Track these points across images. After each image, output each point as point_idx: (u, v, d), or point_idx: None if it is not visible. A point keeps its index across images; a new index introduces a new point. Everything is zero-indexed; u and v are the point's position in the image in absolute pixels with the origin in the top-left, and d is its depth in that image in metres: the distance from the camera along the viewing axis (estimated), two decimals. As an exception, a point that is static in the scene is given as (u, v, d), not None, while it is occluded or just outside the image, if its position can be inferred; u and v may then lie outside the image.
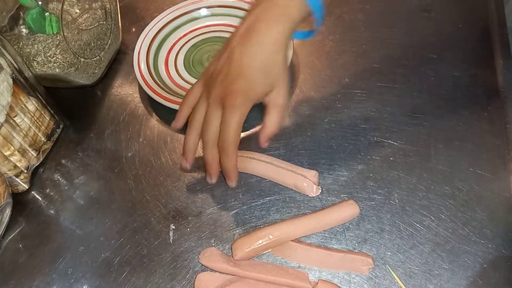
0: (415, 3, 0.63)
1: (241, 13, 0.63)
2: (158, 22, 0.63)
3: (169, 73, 0.60)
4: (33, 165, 0.52)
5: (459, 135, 0.50)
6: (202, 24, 0.65)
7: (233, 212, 0.47)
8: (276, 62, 0.43)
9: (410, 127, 0.51)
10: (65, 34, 0.53)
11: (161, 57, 0.62)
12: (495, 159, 0.48)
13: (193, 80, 0.59)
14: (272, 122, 0.45)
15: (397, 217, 0.45)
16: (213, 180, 0.48)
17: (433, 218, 0.44)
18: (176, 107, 0.53)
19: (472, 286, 0.40)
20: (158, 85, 0.57)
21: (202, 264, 0.43)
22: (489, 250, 0.42)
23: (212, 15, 0.65)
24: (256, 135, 0.47)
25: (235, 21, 0.64)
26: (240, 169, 0.47)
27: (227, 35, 0.63)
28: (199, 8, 0.64)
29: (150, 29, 0.62)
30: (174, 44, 0.63)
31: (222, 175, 0.47)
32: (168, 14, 0.63)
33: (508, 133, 0.49)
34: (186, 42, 0.63)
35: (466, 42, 0.58)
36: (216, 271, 0.43)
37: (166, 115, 0.56)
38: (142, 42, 0.61)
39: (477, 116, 0.51)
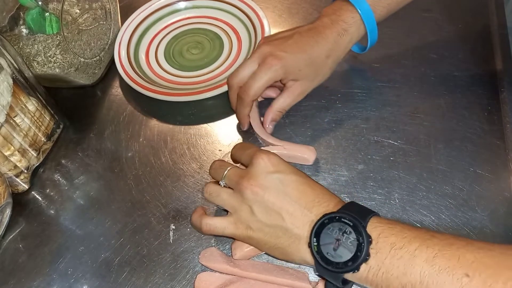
0: (415, 3, 0.62)
1: (221, 5, 0.65)
2: (139, 14, 0.64)
3: (149, 63, 0.62)
4: (33, 165, 0.52)
5: (459, 135, 0.50)
6: (183, 16, 0.66)
7: (233, 212, 0.47)
8: (323, 63, 0.49)
9: (410, 127, 0.51)
10: (65, 34, 0.53)
11: (142, 48, 0.63)
12: (495, 159, 0.48)
13: (173, 70, 0.61)
14: (282, 102, 0.50)
15: (397, 217, 0.45)
16: (243, 127, 0.53)
17: (433, 218, 0.44)
18: (156, 96, 0.54)
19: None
20: (138, 74, 0.58)
21: (202, 264, 0.43)
22: (489, 250, 0.42)
23: (194, 7, 0.66)
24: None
25: (216, 13, 0.65)
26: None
27: (207, 26, 0.65)
28: (180, 0, 0.66)
29: (132, 21, 0.63)
30: (156, 35, 0.65)
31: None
32: (149, 6, 0.65)
33: (508, 133, 0.49)
34: (167, 34, 0.65)
35: (466, 42, 0.58)
36: (216, 271, 0.43)
37: (166, 115, 0.56)
38: (123, 33, 0.62)
39: (477, 116, 0.51)
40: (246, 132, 0.53)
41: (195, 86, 0.57)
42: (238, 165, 0.44)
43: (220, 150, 0.52)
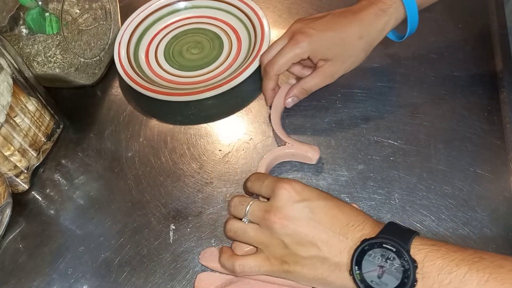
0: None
1: (221, 5, 0.65)
2: (139, 14, 0.64)
3: (149, 63, 0.62)
4: (33, 165, 0.52)
5: (459, 135, 0.50)
6: (183, 16, 0.66)
7: (233, 212, 0.47)
8: (355, 44, 0.48)
9: (410, 127, 0.51)
10: (65, 34, 0.53)
11: (142, 48, 0.63)
12: (495, 159, 0.48)
13: (173, 70, 0.60)
14: (309, 80, 0.50)
15: (397, 217, 0.45)
16: (267, 102, 0.53)
17: (433, 218, 0.44)
18: (156, 96, 0.55)
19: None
20: (138, 74, 0.58)
21: (202, 264, 0.43)
22: (489, 250, 0.42)
23: (193, 7, 0.66)
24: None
25: (215, 13, 0.65)
26: None
27: (207, 26, 0.65)
28: (179, 0, 0.66)
29: (132, 21, 0.63)
30: (155, 35, 0.65)
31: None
32: (149, 6, 0.65)
33: (508, 133, 0.49)
34: (167, 34, 0.65)
35: (466, 42, 0.58)
36: (216, 271, 0.43)
37: (166, 115, 0.56)
38: (123, 33, 0.62)
39: (477, 116, 0.51)
40: (247, 132, 0.53)
41: (195, 86, 0.57)
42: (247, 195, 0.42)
43: (220, 150, 0.52)
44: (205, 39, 0.63)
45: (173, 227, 0.47)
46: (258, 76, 0.56)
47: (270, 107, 0.53)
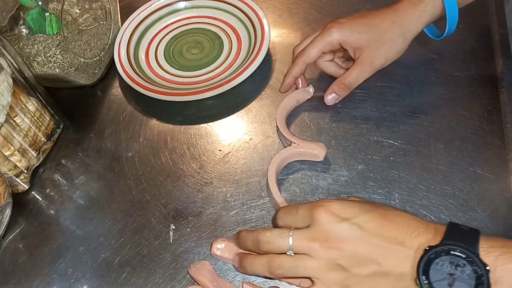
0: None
1: (221, 5, 0.65)
2: (139, 14, 0.64)
3: (149, 63, 0.62)
4: (33, 165, 0.52)
5: (459, 135, 0.50)
6: (183, 16, 0.66)
7: (233, 212, 0.47)
8: (389, 29, 0.48)
9: (410, 127, 0.51)
10: (65, 34, 0.53)
11: (142, 47, 0.63)
12: (495, 159, 0.48)
13: (173, 70, 0.61)
14: (347, 74, 0.50)
15: (397, 217, 0.45)
16: (281, 88, 0.54)
17: (433, 218, 0.44)
18: (156, 96, 0.55)
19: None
20: (138, 74, 0.58)
21: (190, 275, 0.43)
22: (489, 250, 0.42)
23: (193, 7, 0.66)
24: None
25: (215, 13, 0.65)
26: None
27: (207, 26, 0.65)
28: (179, 0, 0.66)
29: (132, 21, 0.63)
30: (155, 35, 0.65)
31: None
32: (149, 6, 0.65)
33: (508, 133, 0.49)
34: (167, 34, 0.65)
35: (466, 42, 0.58)
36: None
37: (166, 115, 0.56)
38: (123, 33, 0.62)
39: (477, 116, 0.51)
40: (247, 132, 0.53)
41: (195, 86, 0.57)
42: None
43: (220, 150, 0.52)
44: (205, 39, 0.63)
45: (173, 227, 0.47)
46: (258, 76, 0.56)
47: (281, 90, 0.55)
